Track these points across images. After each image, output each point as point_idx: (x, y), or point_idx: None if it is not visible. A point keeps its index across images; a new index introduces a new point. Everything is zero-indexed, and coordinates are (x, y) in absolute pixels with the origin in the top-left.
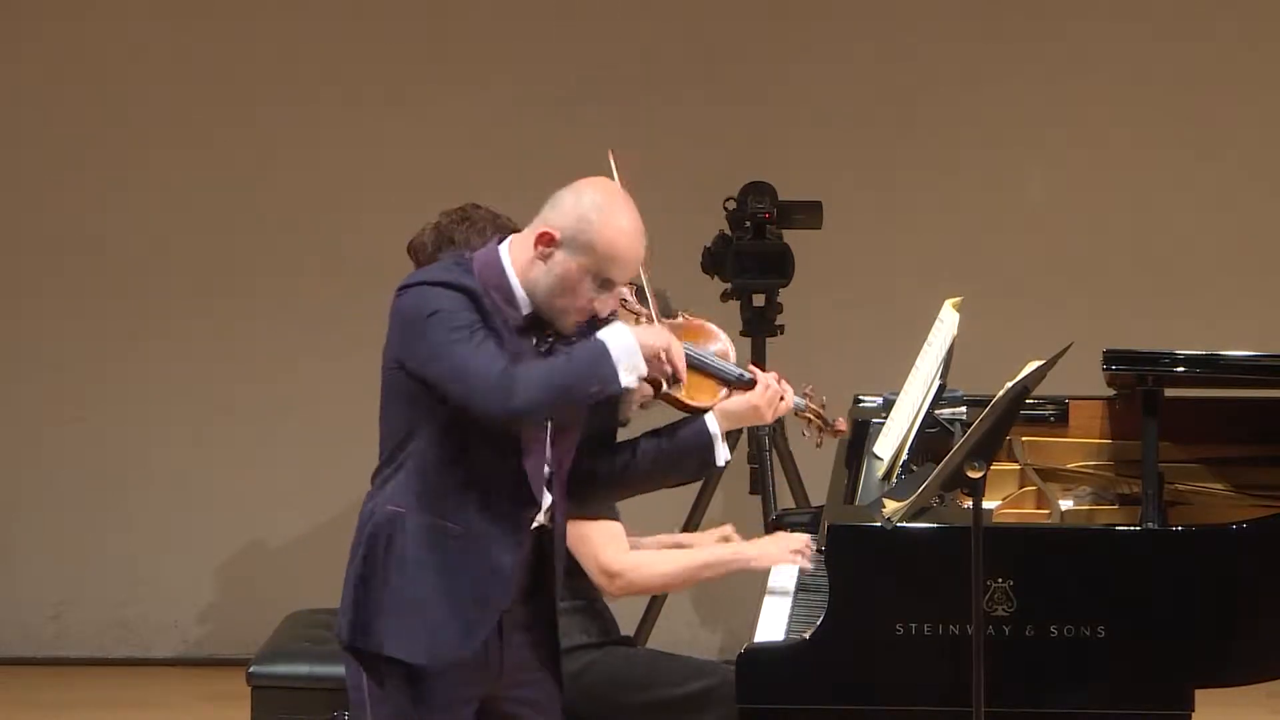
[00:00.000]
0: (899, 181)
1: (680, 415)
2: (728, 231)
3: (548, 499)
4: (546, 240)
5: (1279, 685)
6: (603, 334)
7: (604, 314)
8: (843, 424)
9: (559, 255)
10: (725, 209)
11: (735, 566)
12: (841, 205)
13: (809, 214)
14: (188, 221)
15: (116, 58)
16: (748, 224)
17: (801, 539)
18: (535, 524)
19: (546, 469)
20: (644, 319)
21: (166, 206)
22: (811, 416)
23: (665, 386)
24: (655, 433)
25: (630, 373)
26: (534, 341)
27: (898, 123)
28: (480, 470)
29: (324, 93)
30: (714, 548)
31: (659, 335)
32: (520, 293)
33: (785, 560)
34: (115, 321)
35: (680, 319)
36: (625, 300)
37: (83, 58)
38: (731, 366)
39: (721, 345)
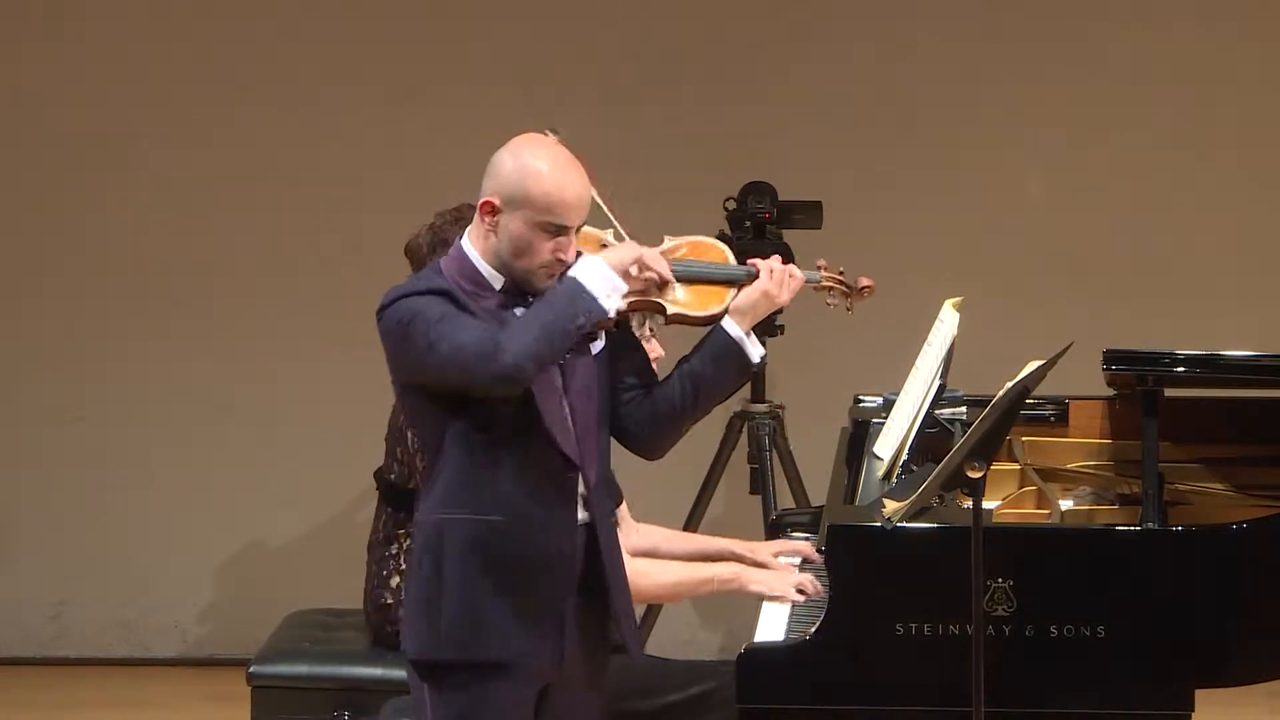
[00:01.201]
0: (899, 181)
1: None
2: (728, 231)
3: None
4: (488, 209)
5: (1279, 685)
6: (572, 270)
7: (570, 259)
8: (867, 280)
9: (504, 219)
10: (725, 209)
11: (734, 588)
12: (841, 205)
13: (809, 214)
14: (187, 221)
15: (116, 58)
16: (748, 224)
17: (806, 576)
18: (580, 520)
19: (573, 436)
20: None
21: (166, 206)
22: (832, 284)
23: (658, 295)
24: (686, 359)
25: (611, 295)
26: (518, 314)
27: (898, 123)
28: (511, 457)
29: (324, 93)
30: (717, 565)
31: (626, 250)
32: (487, 271)
33: (783, 594)
34: (115, 321)
35: (665, 240)
36: (605, 246)
37: (83, 58)
38: (731, 267)
39: (718, 250)
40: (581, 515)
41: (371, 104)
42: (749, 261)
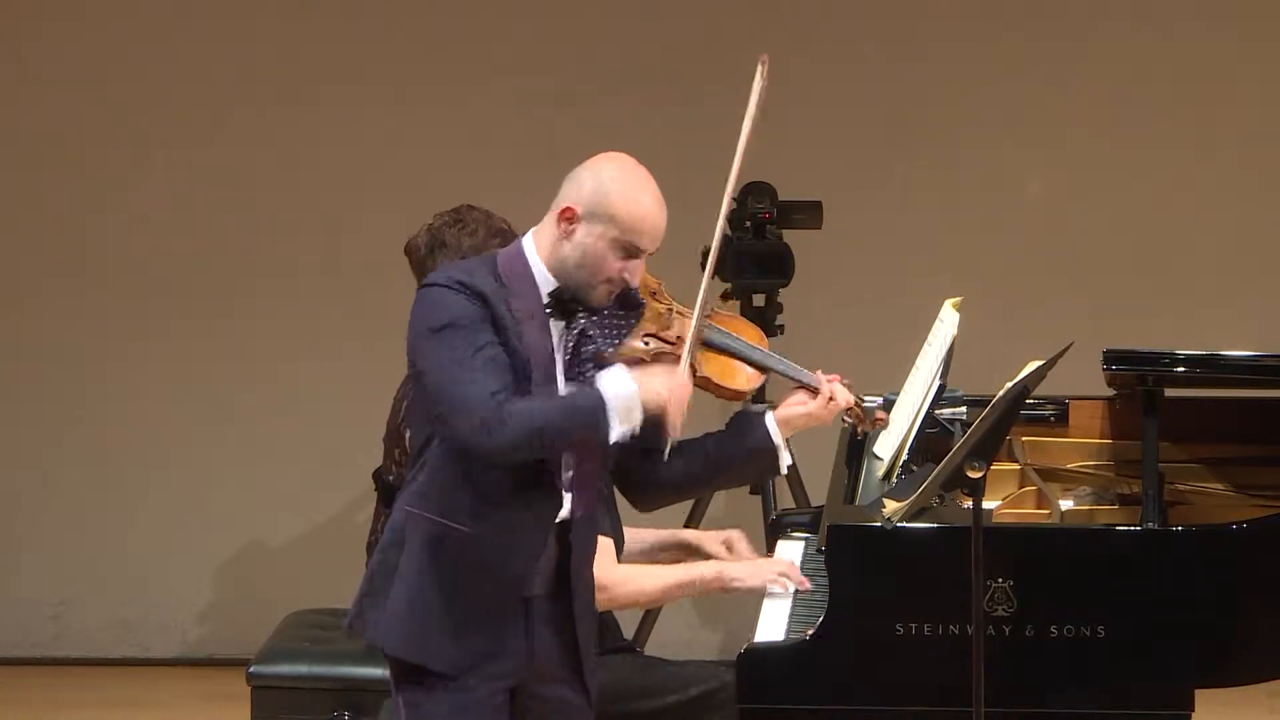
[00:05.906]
0: (899, 181)
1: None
2: (728, 231)
3: (567, 497)
4: (568, 216)
5: (1279, 685)
6: (604, 383)
7: (634, 283)
8: (882, 415)
9: (581, 229)
10: None
11: (716, 586)
12: (841, 205)
13: (809, 214)
14: (188, 221)
15: (118, 58)
16: (748, 224)
17: (784, 562)
18: (558, 519)
19: (565, 466)
20: (675, 314)
21: (166, 207)
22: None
23: (694, 359)
24: (717, 438)
25: (624, 424)
26: (562, 328)
27: (898, 123)
28: (496, 472)
29: (324, 93)
30: (698, 565)
31: (662, 384)
32: (541, 275)
33: (768, 582)
34: (116, 321)
35: (711, 310)
36: (656, 294)
37: (83, 58)
38: (789, 364)
39: (756, 334)
40: (562, 513)
41: (371, 104)
42: (818, 375)
